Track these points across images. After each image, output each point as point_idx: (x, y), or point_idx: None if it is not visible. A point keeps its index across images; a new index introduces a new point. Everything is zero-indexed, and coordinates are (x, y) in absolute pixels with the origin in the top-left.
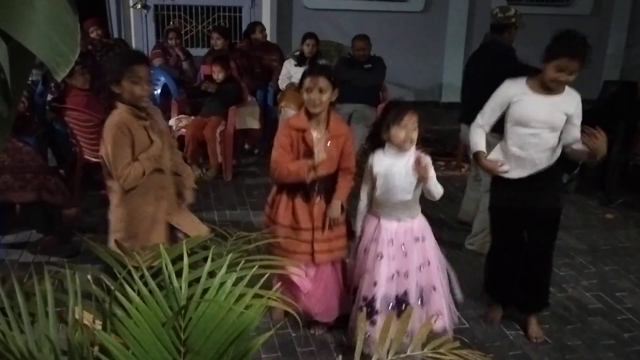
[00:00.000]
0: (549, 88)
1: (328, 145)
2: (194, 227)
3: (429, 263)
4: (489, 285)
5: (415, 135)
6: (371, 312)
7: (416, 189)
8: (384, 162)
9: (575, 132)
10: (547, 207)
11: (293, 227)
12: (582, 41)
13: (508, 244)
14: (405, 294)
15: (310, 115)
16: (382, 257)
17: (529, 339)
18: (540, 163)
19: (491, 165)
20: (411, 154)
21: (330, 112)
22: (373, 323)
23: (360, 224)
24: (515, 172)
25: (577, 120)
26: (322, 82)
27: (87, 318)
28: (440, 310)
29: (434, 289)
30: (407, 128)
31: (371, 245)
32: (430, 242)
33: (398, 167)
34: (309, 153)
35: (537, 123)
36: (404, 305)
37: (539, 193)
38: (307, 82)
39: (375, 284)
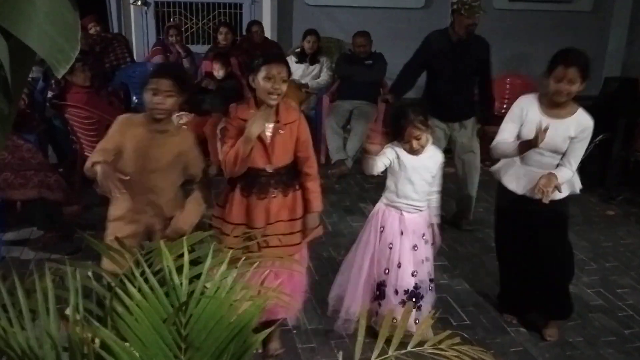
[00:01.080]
0: (558, 109)
1: (281, 132)
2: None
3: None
4: (502, 299)
5: (422, 141)
6: (379, 295)
7: (433, 184)
8: (408, 157)
9: (576, 153)
10: (553, 212)
11: (247, 226)
12: (578, 52)
13: (513, 249)
14: (417, 286)
15: (258, 106)
16: (417, 247)
17: (543, 337)
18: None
19: (535, 140)
20: (432, 149)
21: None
22: (419, 308)
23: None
24: (513, 184)
25: (581, 144)
26: (285, 71)
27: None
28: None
29: (431, 281)
30: (411, 141)
31: (402, 238)
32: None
33: (423, 162)
34: (262, 145)
35: (541, 145)
36: (414, 298)
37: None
38: (271, 69)
39: (414, 274)
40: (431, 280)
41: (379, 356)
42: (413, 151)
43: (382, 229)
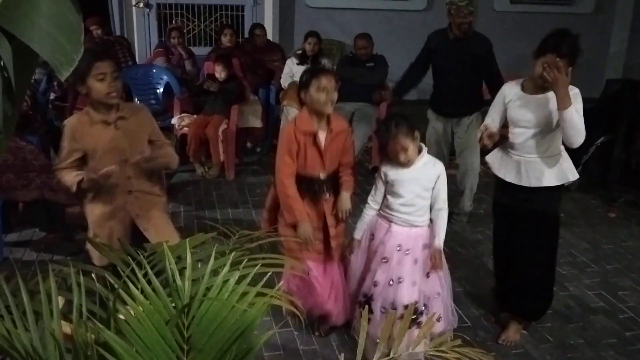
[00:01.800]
0: (543, 87)
1: (333, 141)
2: (162, 234)
3: (436, 270)
4: (497, 294)
5: (409, 152)
6: (368, 310)
7: (428, 199)
8: (397, 170)
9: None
10: (541, 209)
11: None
12: (572, 40)
13: (501, 240)
14: (416, 302)
15: (316, 116)
16: (387, 260)
17: (501, 340)
18: (526, 166)
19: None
20: (424, 160)
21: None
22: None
23: (361, 232)
24: (500, 171)
25: (579, 104)
26: (333, 81)
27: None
28: (440, 314)
29: (438, 294)
30: (396, 152)
31: (379, 247)
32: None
33: (413, 174)
34: (319, 156)
35: (525, 122)
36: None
37: (531, 191)
38: (323, 81)
39: (375, 284)
40: (438, 294)
41: (380, 359)
42: (401, 164)
43: (372, 236)
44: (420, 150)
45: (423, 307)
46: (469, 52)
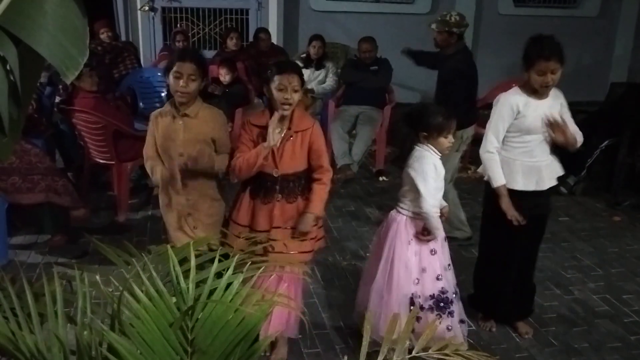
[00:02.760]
0: (539, 93)
1: (290, 139)
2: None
3: (449, 266)
4: (478, 300)
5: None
6: (444, 307)
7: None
8: (438, 163)
9: (569, 118)
10: (540, 214)
11: (251, 228)
12: (551, 40)
13: (498, 254)
14: (445, 292)
15: (271, 113)
16: (435, 252)
17: (520, 336)
18: (546, 170)
19: (512, 212)
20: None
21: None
22: (440, 317)
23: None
24: (520, 184)
25: (567, 115)
26: (297, 80)
27: None
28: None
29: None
30: (449, 136)
31: (422, 242)
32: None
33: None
34: (271, 152)
35: (541, 128)
36: (442, 303)
37: (535, 199)
38: (283, 80)
39: (438, 277)
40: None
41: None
42: (448, 149)
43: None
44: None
45: (453, 295)
46: (444, 70)
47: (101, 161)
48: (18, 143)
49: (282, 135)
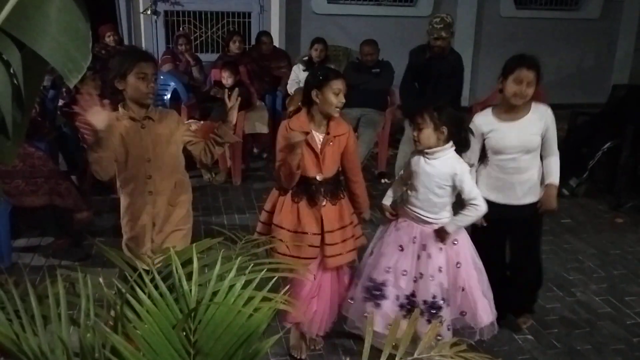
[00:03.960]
0: (514, 112)
1: (331, 144)
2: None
3: (457, 264)
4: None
5: (422, 134)
6: (377, 296)
7: (443, 197)
8: (419, 161)
9: (550, 143)
10: (526, 215)
11: (298, 231)
12: (533, 57)
13: (491, 256)
14: (413, 295)
15: (312, 117)
16: (402, 249)
17: (519, 326)
18: (520, 187)
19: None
20: (444, 158)
21: None
22: (377, 306)
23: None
24: (493, 195)
25: (550, 132)
26: (344, 85)
27: None
28: (466, 310)
29: (462, 289)
30: (413, 128)
31: (394, 234)
32: (463, 244)
33: (429, 169)
34: (314, 155)
35: (511, 149)
36: (434, 310)
37: (520, 207)
38: (338, 84)
39: (387, 270)
40: (462, 289)
41: None
42: (414, 142)
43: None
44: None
45: (442, 302)
46: (440, 72)
47: None
48: (21, 146)
49: (321, 138)
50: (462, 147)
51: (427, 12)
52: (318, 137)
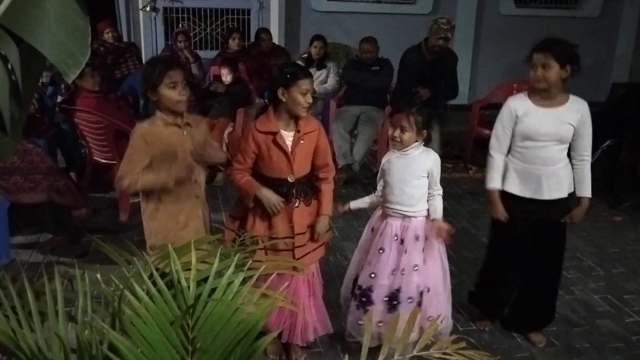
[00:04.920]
0: (550, 98)
1: (302, 142)
2: None
3: (424, 262)
4: (479, 299)
5: (404, 136)
6: (365, 302)
7: (421, 188)
8: (391, 158)
9: (584, 142)
10: (556, 218)
11: (271, 236)
12: (553, 39)
13: (508, 257)
14: (399, 290)
15: (279, 116)
16: (383, 251)
17: (534, 345)
18: (547, 180)
19: (500, 212)
20: (421, 151)
21: None
22: (366, 312)
23: (357, 205)
24: (516, 188)
25: (585, 129)
26: (312, 84)
27: None
28: (441, 313)
29: (428, 290)
30: (394, 126)
31: (375, 238)
32: (431, 242)
33: (406, 162)
34: (284, 155)
35: (544, 136)
36: (395, 302)
37: (535, 206)
38: (306, 84)
39: (372, 275)
40: (428, 290)
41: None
42: (392, 140)
43: (372, 231)
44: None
45: (408, 300)
46: (440, 70)
47: (103, 161)
48: (20, 143)
49: (291, 137)
50: (427, 142)
51: (427, 10)
52: (287, 136)
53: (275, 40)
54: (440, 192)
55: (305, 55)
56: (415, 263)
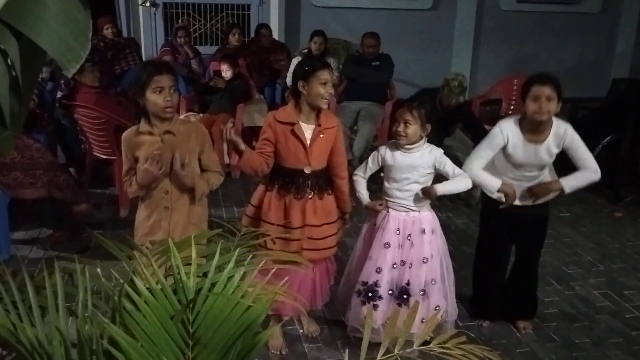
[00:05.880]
0: (537, 133)
1: (321, 136)
2: None
3: (432, 256)
4: (477, 303)
5: (409, 130)
6: (372, 297)
7: (425, 182)
8: (396, 154)
9: (586, 160)
10: (538, 215)
11: (285, 225)
12: (549, 74)
13: (496, 253)
14: (408, 283)
15: (300, 109)
16: (389, 245)
17: (518, 331)
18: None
19: (511, 198)
20: (425, 149)
21: None
22: (375, 307)
23: (363, 195)
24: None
25: (577, 147)
26: (332, 76)
27: None
28: (440, 304)
29: (434, 282)
30: (399, 122)
31: (377, 233)
32: (437, 235)
33: (411, 160)
34: (302, 147)
35: (526, 165)
36: (405, 296)
37: (522, 208)
38: (325, 74)
39: (379, 270)
40: (434, 281)
41: (385, 355)
42: (397, 136)
43: (374, 225)
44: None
45: (421, 293)
46: (456, 120)
47: (103, 156)
48: (20, 138)
49: (311, 130)
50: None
51: (427, 5)
52: (306, 128)
53: (275, 35)
54: (463, 172)
55: (306, 50)
56: (424, 256)
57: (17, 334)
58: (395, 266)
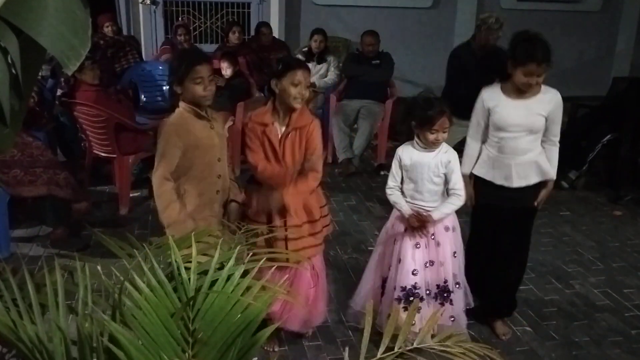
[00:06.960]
0: (523, 91)
1: (289, 137)
2: None
3: (454, 254)
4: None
5: (444, 136)
6: (413, 300)
7: (440, 182)
8: (412, 155)
9: (554, 128)
10: (525, 205)
11: (270, 224)
12: (543, 43)
13: (483, 241)
14: (445, 281)
15: (274, 109)
16: (419, 246)
17: (497, 337)
18: (516, 168)
19: (468, 195)
20: (441, 148)
21: None
22: (418, 310)
23: (404, 207)
24: (489, 174)
25: (557, 116)
26: (308, 77)
27: None
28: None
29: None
30: (438, 132)
31: (406, 235)
32: (458, 233)
33: (426, 159)
34: (272, 148)
35: (514, 127)
36: (446, 294)
37: (508, 193)
38: (298, 75)
39: (415, 272)
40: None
41: (385, 353)
42: (432, 144)
43: (392, 225)
44: None
45: (456, 286)
46: (491, 67)
47: (103, 154)
48: (20, 136)
49: (281, 130)
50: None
51: (427, 3)
52: (279, 130)
53: (276, 34)
54: (459, 195)
55: (306, 49)
56: (454, 251)
57: (18, 331)
58: (427, 266)
